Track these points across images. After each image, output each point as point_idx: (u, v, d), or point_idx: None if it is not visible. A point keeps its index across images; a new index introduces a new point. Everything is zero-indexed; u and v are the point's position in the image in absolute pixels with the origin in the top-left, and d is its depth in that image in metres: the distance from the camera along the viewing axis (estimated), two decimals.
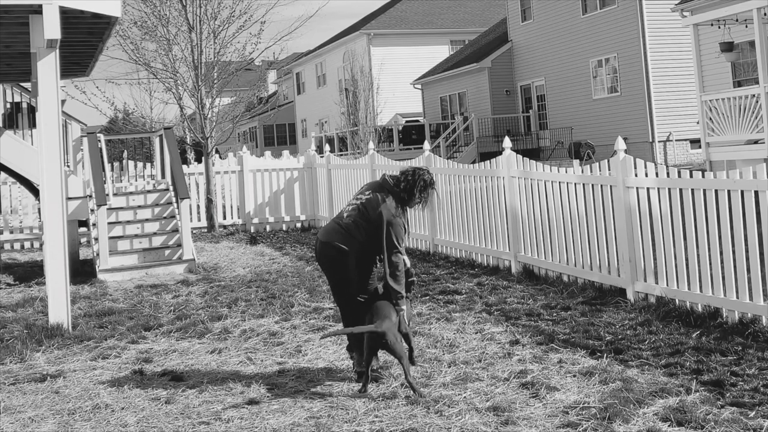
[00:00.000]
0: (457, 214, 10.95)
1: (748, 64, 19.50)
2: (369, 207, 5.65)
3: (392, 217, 5.57)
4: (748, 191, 6.40)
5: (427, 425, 4.74)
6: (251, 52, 17.12)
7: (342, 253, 5.66)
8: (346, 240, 5.66)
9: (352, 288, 5.73)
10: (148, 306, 8.95)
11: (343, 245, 5.66)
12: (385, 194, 5.66)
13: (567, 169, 8.75)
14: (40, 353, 6.99)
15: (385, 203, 5.61)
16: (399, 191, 5.69)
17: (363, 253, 5.69)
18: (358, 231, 5.65)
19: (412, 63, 39.99)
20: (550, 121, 30.35)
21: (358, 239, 5.65)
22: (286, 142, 55.64)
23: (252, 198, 16.49)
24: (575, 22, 28.52)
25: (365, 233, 5.63)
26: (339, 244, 5.67)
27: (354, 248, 5.65)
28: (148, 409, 5.31)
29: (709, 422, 4.54)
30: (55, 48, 7.92)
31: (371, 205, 5.65)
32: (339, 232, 5.71)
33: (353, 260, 5.67)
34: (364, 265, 5.74)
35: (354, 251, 5.65)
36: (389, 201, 5.63)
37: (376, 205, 5.63)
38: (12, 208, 15.39)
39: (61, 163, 8.08)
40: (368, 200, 5.69)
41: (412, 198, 5.71)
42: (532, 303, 7.98)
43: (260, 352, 6.71)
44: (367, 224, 5.63)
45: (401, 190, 5.69)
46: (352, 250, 5.65)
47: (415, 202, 5.75)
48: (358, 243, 5.65)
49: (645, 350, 6.06)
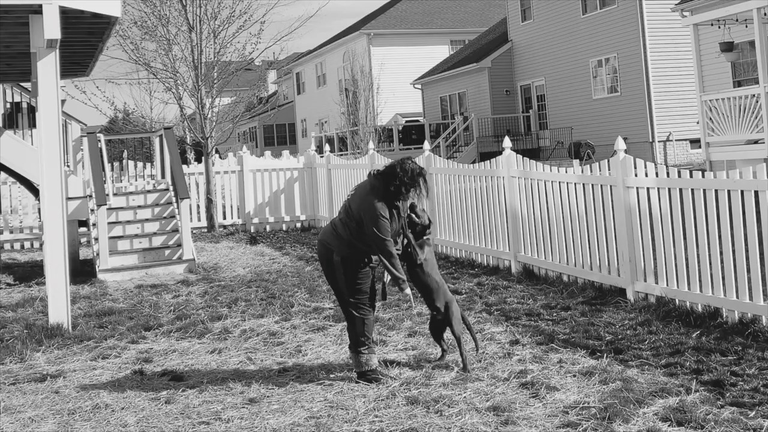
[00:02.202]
0: (457, 214, 10.95)
1: (748, 64, 19.49)
2: (352, 203, 5.72)
3: (372, 210, 5.55)
4: (748, 191, 6.40)
5: (427, 425, 4.74)
6: (251, 52, 17.14)
7: (330, 251, 5.73)
8: (335, 238, 5.73)
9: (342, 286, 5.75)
10: (148, 306, 8.95)
11: (331, 244, 5.73)
12: (368, 190, 5.67)
13: (567, 169, 8.75)
14: (40, 353, 6.99)
15: (366, 198, 5.62)
16: (384, 185, 5.66)
17: (352, 250, 5.68)
18: (345, 229, 5.70)
19: (412, 63, 39.98)
20: (550, 121, 30.34)
21: (345, 237, 5.68)
22: (286, 142, 55.64)
23: (252, 198, 16.49)
24: (575, 22, 28.52)
25: (350, 230, 5.67)
26: (329, 242, 5.76)
27: (342, 246, 5.68)
28: (148, 409, 5.31)
29: (709, 422, 4.54)
30: (55, 48, 7.92)
31: (354, 201, 5.72)
32: (330, 232, 5.80)
33: (341, 258, 5.69)
34: (353, 264, 5.71)
35: (342, 249, 5.68)
36: (370, 196, 5.62)
37: (357, 200, 5.69)
38: (12, 208, 15.38)
39: (61, 163, 8.08)
40: (352, 197, 5.77)
41: (399, 190, 5.66)
42: (532, 303, 7.98)
43: (260, 352, 6.71)
44: (350, 221, 5.68)
45: (386, 184, 5.66)
46: (341, 248, 5.68)
47: (403, 193, 5.69)
48: (345, 241, 5.68)
49: (645, 350, 6.06)
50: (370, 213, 5.58)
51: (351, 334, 5.82)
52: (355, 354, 5.77)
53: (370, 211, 5.58)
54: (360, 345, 5.73)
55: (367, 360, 5.71)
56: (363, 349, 5.72)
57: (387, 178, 5.68)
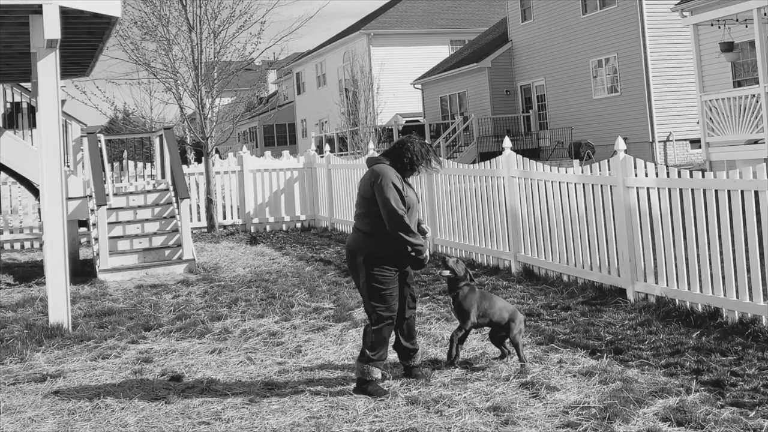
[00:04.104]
0: (457, 214, 10.95)
1: (748, 64, 19.49)
2: (360, 189, 5.54)
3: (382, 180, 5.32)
4: (748, 191, 6.40)
5: (427, 425, 4.74)
6: (251, 52, 17.13)
7: (354, 253, 5.52)
8: (356, 239, 5.53)
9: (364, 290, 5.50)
10: (148, 306, 8.95)
11: (354, 245, 5.52)
12: (373, 169, 5.45)
13: (567, 169, 8.75)
14: (40, 353, 6.99)
15: (372, 174, 5.42)
16: (392, 161, 5.49)
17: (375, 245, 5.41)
18: (362, 221, 5.49)
19: (412, 63, 39.98)
20: (550, 121, 30.34)
21: (365, 231, 5.45)
22: (286, 142, 55.63)
23: (252, 198, 16.49)
24: (575, 22, 28.52)
25: (368, 219, 5.43)
26: (352, 245, 5.56)
27: (365, 243, 5.45)
28: (148, 409, 5.31)
29: (709, 422, 4.54)
30: (55, 48, 7.92)
31: (361, 187, 5.53)
32: (353, 235, 5.61)
33: (364, 258, 5.43)
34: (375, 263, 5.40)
35: (366, 248, 5.44)
36: (377, 170, 5.40)
37: (363, 183, 5.50)
38: (12, 208, 15.38)
39: (61, 163, 8.08)
40: (361, 183, 5.57)
41: (411, 165, 5.48)
42: (532, 303, 7.98)
43: (260, 352, 6.71)
44: (361, 208, 5.47)
45: (395, 160, 5.49)
46: (364, 247, 5.45)
47: (416, 168, 5.50)
48: (365, 235, 5.45)
49: (645, 350, 6.06)
50: (381, 182, 5.32)
51: (363, 339, 5.55)
52: (358, 361, 5.53)
53: (380, 180, 5.32)
54: (362, 355, 5.46)
55: (368, 369, 5.41)
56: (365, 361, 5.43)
57: (396, 154, 5.49)
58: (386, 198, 5.31)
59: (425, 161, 5.55)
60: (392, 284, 5.45)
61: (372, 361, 5.41)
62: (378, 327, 5.42)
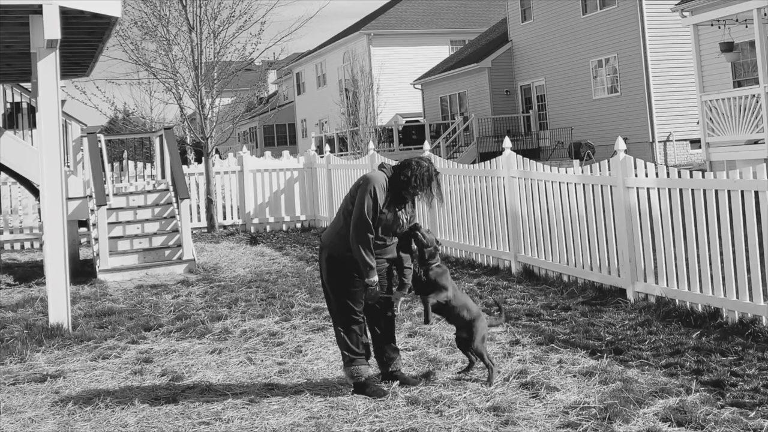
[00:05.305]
0: (457, 214, 10.95)
1: (748, 64, 19.49)
2: (351, 191, 5.38)
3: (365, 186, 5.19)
4: (748, 191, 6.40)
5: (427, 425, 4.74)
6: (251, 52, 17.14)
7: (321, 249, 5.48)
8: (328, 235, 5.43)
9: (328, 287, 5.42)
10: (148, 306, 8.95)
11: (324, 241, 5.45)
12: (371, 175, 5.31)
13: (567, 170, 8.75)
14: (40, 353, 6.99)
15: (363, 179, 5.28)
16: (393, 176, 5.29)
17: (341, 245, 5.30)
18: (338, 219, 5.38)
19: (412, 63, 39.98)
20: (550, 121, 30.34)
21: (336, 228, 5.35)
22: (286, 142, 55.63)
23: (252, 198, 16.49)
24: (575, 22, 28.52)
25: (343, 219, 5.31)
26: (323, 240, 5.48)
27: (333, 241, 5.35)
28: (148, 409, 5.31)
29: (709, 422, 4.54)
30: (55, 48, 7.92)
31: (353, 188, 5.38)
32: (328, 229, 5.51)
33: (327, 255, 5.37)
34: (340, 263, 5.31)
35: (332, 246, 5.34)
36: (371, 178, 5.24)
37: (354, 183, 5.38)
38: (12, 208, 15.38)
39: (61, 163, 8.08)
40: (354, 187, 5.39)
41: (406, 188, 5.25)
42: (532, 303, 7.98)
43: (260, 352, 6.71)
44: (345, 202, 5.35)
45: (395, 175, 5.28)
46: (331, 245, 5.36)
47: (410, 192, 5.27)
48: (334, 233, 5.36)
49: (645, 350, 6.06)
50: (364, 186, 5.20)
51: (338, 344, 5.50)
52: (344, 368, 5.47)
53: (364, 184, 5.21)
54: (343, 359, 5.43)
55: (356, 371, 5.36)
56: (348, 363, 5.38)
57: (399, 169, 5.30)
58: (360, 202, 5.18)
59: (426, 188, 5.26)
60: (353, 286, 5.30)
61: (354, 360, 5.35)
62: (344, 327, 5.36)
